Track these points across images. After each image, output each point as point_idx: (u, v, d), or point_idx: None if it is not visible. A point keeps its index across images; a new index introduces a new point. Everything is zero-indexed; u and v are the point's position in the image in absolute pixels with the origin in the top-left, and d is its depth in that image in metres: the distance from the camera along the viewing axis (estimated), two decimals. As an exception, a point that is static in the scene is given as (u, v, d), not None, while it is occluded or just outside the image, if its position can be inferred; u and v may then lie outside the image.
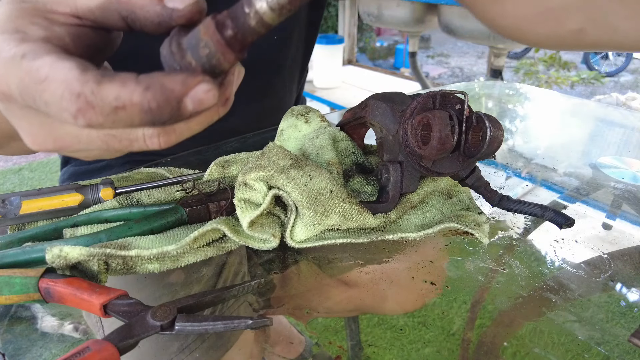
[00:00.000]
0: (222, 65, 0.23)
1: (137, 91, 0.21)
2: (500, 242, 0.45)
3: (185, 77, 0.21)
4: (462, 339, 0.34)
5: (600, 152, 0.68)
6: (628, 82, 4.36)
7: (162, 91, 0.21)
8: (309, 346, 0.34)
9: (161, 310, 0.31)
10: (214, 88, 0.22)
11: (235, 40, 0.22)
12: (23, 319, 0.36)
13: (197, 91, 0.22)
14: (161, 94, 0.21)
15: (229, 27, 0.22)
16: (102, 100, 0.21)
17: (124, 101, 0.21)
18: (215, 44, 0.22)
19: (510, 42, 2.21)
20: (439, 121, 0.38)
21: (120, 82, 0.21)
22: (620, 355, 0.33)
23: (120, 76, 0.22)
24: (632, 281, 0.40)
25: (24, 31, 0.24)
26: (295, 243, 0.42)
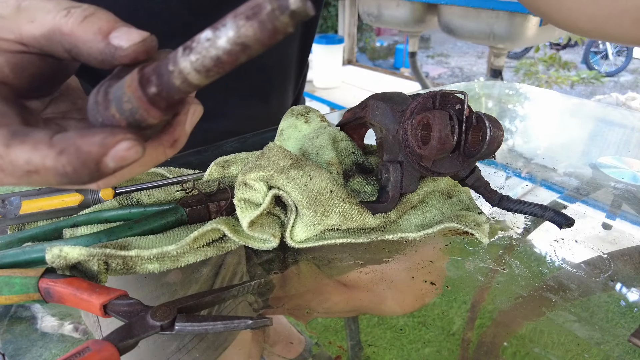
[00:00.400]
0: (147, 121, 0.21)
1: (50, 156, 0.20)
2: (500, 242, 0.45)
3: (104, 138, 0.20)
4: (462, 339, 0.34)
5: (600, 152, 0.68)
6: (628, 82, 4.36)
7: (77, 155, 0.19)
8: (308, 346, 0.34)
9: (161, 311, 0.31)
10: (136, 145, 0.20)
11: (160, 98, 0.20)
12: (23, 319, 0.36)
13: (118, 150, 0.20)
14: (77, 157, 0.19)
15: (153, 84, 0.20)
16: (12, 164, 0.20)
17: (36, 166, 0.20)
18: (137, 100, 0.20)
19: (510, 42, 2.21)
20: (439, 121, 0.38)
21: (32, 145, 0.20)
22: (620, 355, 0.33)
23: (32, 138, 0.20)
24: (632, 281, 0.40)
25: None
26: (295, 243, 0.42)
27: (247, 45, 0.17)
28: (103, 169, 0.20)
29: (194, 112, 0.25)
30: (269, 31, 0.17)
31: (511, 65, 4.34)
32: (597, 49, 4.53)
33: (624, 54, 4.50)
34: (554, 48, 4.79)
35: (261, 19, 0.16)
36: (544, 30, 2.20)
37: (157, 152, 0.25)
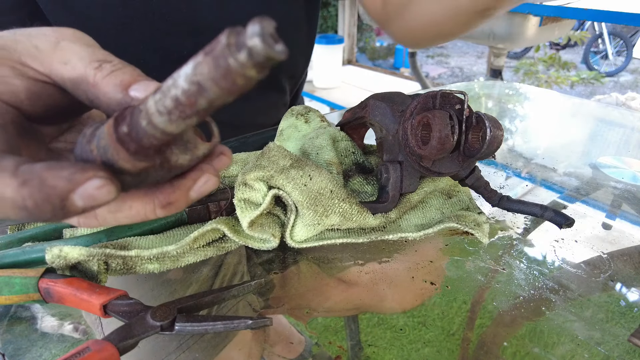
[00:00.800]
0: (118, 162, 0.19)
1: (12, 185, 0.18)
2: (500, 242, 0.45)
3: (72, 173, 0.18)
4: (462, 339, 0.34)
5: (600, 152, 0.68)
6: (628, 82, 4.36)
7: (40, 188, 0.18)
8: (308, 346, 0.34)
9: (161, 311, 0.31)
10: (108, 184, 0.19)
11: (129, 138, 0.19)
12: (23, 319, 0.36)
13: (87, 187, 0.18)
14: (39, 190, 0.18)
15: (125, 123, 0.19)
16: None
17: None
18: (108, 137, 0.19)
19: (509, 42, 2.21)
20: (439, 121, 0.38)
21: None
22: (620, 355, 0.33)
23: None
24: (631, 281, 0.40)
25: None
26: (295, 243, 0.42)
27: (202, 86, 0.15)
28: (69, 207, 0.18)
29: (205, 182, 0.24)
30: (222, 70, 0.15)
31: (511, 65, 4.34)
32: (597, 49, 4.53)
33: (623, 54, 4.50)
34: (554, 48, 4.79)
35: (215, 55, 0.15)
36: (543, 30, 2.20)
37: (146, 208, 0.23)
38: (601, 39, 4.47)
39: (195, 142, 0.23)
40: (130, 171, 0.20)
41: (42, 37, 0.25)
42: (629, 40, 4.42)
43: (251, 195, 0.40)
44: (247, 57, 0.14)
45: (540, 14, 2.06)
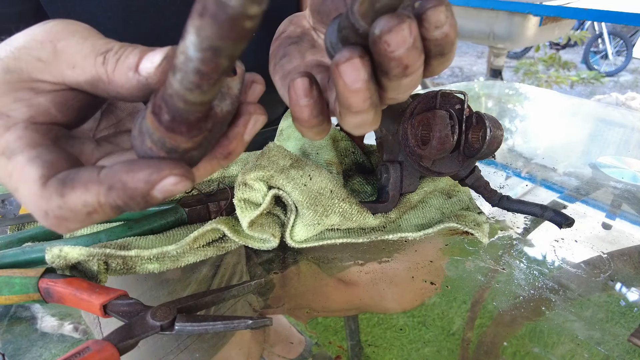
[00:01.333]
0: (180, 147, 0.20)
1: (102, 193, 0.20)
2: (500, 241, 0.45)
3: (149, 174, 0.20)
4: (462, 339, 0.34)
5: (599, 152, 0.68)
6: (627, 82, 4.36)
7: (124, 191, 0.20)
8: (308, 346, 0.34)
9: (161, 311, 0.31)
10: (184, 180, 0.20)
11: (176, 123, 0.19)
12: (23, 319, 0.36)
13: (164, 184, 0.20)
14: (124, 193, 0.20)
15: (164, 112, 0.19)
16: (72, 210, 0.21)
17: (94, 205, 0.21)
18: (157, 131, 0.20)
19: (509, 42, 2.21)
20: (439, 121, 0.38)
21: (83, 187, 0.21)
22: (620, 355, 0.33)
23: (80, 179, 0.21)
24: (631, 281, 0.40)
25: (7, 114, 0.23)
26: (295, 243, 0.42)
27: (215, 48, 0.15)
28: (151, 200, 0.21)
29: (255, 122, 0.24)
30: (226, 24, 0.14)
31: (511, 65, 4.34)
32: (597, 49, 4.53)
33: (623, 53, 4.50)
34: (554, 48, 4.79)
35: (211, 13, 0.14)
36: (543, 30, 2.20)
37: (211, 164, 0.25)
38: (601, 38, 4.47)
39: (226, 84, 0.23)
40: (194, 147, 0.21)
41: (39, 46, 0.24)
42: (629, 40, 4.42)
43: (251, 195, 0.40)
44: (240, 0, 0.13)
45: (540, 14, 2.06)
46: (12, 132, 0.23)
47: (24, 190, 0.22)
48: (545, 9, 1.99)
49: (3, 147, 0.23)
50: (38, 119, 0.24)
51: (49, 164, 0.22)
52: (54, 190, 0.21)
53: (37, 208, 0.22)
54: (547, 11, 2.00)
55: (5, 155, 0.22)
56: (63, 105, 0.25)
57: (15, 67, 0.24)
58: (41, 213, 0.22)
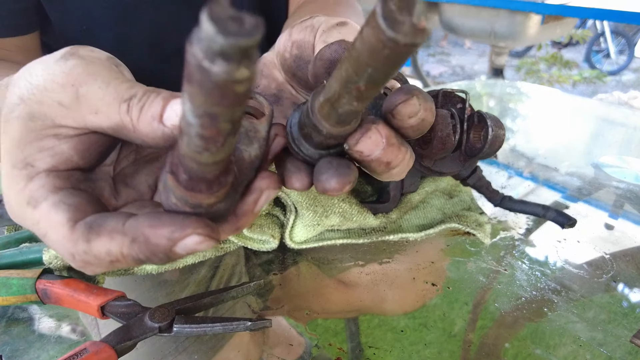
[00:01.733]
0: (202, 203, 0.20)
1: (125, 245, 0.21)
2: (502, 242, 0.45)
3: (172, 231, 0.20)
4: (464, 340, 0.34)
5: (602, 152, 0.68)
6: (630, 81, 4.35)
7: (147, 245, 0.20)
8: (308, 348, 0.34)
9: (159, 312, 0.31)
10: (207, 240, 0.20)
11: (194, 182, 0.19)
12: (20, 320, 0.36)
13: (187, 242, 0.20)
14: (146, 247, 0.20)
15: (181, 171, 0.19)
16: (97, 257, 0.22)
17: (116, 255, 0.21)
18: (178, 189, 0.19)
19: (511, 40, 2.21)
20: (440, 120, 0.38)
21: (108, 236, 0.21)
22: (623, 356, 0.33)
23: (106, 227, 0.21)
24: (634, 282, 0.40)
25: (31, 164, 0.23)
26: (295, 244, 0.41)
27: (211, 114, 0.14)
28: (173, 256, 0.21)
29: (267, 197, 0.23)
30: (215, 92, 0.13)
31: (512, 63, 4.33)
32: (599, 48, 4.52)
33: (625, 52, 4.49)
34: (556, 47, 4.78)
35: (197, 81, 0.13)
36: (545, 29, 2.19)
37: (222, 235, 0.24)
38: (603, 37, 4.46)
39: (253, 127, 0.22)
40: (218, 201, 0.20)
41: (60, 90, 0.23)
42: (631, 38, 4.41)
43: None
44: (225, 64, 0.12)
45: (542, 12, 2.05)
46: (35, 182, 0.23)
47: (53, 234, 0.22)
48: (547, 7, 1.99)
49: (28, 197, 0.23)
50: (60, 167, 0.24)
51: (73, 207, 0.23)
52: (80, 234, 0.22)
53: (65, 250, 0.22)
54: (549, 10, 2.00)
55: (31, 205, 0.23)
56: (85, 152, 0.25)
57: (40, 113, 0.24)
58: (69, 255, 0.22)
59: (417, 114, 0.22)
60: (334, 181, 0.21)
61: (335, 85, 0.17)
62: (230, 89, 0.13)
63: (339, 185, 0.21)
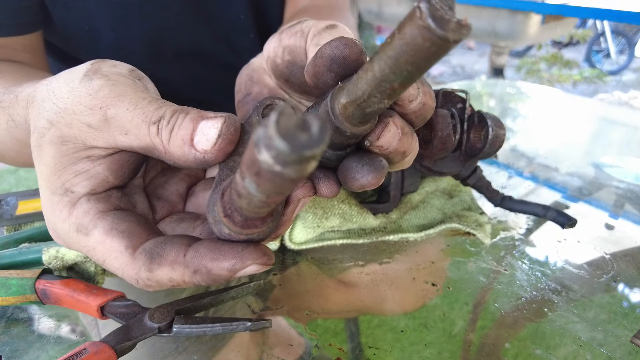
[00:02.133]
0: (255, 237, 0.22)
1: (187, 275, 0.22)
2: (502, 242, 0.45)
3: (234, 264, 0.22)
4: (464, 341, 0.34)
5: (602, 152, 0.68)
6: (630, 81, 4.34)
7: (208, 276, 0.22)
8: (308, 348, 0.33)
9: (159, 312, 0.31)
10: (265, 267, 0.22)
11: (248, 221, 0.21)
12: (20, 320, 0.36)
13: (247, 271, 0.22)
14: (208, 277, 0.22)
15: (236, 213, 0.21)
16: (158, 282, 0.23)
17: (178, 282, 0.23)
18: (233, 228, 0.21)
19: (511, 40, 2.21)
20: (441, 120, 0.38)
21: (169, 266, 0.22)
22: (623, 356, 0.32)
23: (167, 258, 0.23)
24: (634, 282, 0.40)
25: (71, 190, 0.24)
26: (294, 245, 0.41)
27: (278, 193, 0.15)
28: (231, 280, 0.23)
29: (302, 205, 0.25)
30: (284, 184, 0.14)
31: (513, 63, 4.33)
32: (600, 48, 4.52)
33: (626, 52, 4.49)
34: (556, 46, 4.77)
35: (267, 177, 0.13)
36: (546, 29, 2.19)
37: None
38: (603, 37, 4.46)
39: None
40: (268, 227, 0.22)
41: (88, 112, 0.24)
42: (632, 38, 4.40)
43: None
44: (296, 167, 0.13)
45: (543, 12, 2.05)
46: (78, 208, 0.24)
47: (113, 262, 0.24)
48: (548, 7, 1.99)
49: (76, 224, 0.24)
50: (98, 190, 0.24)
51: (127, 233, 0.24)
52: (142, 264, 0.23)
53: (128, 276, 0.24)
54: (549, 9, 2.00)
55: (82, 232, 0.24)
56: (119, 171, 0.25)
57: (70, 136, 0.24)
58: (132, 280, 0.24)
59: (417, 97, 0.22)
60: (372, 176, 0.22)
61: (364, 86, 0.17)
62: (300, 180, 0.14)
63: (376, 180, 0.22)
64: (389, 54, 0.15)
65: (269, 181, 0.14)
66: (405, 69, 0.15)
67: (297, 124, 0.12)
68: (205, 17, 0.58)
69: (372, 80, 0.17)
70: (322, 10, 0.60)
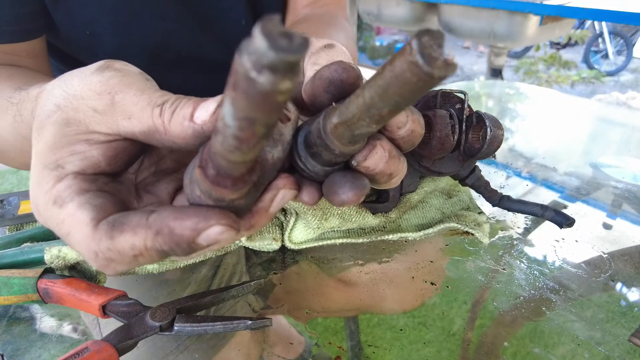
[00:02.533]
0: (225, 198, 0.21)
1: (149, 237, 0.21)
2: (501, 241, 0.45)
3: (196, 222, 0.21)
4: (463, 339, 0.34)
5: (600, 152, 0.68)
6: (628, 81, 4.35)
7: (171, 237, 0.21)
8: (308, 347, 0.34)
9: (160, 311, 0.31)
10: (229, 230, 0.21)
11: (221, 177, 0.20)
12: (22, 319, 0.36)
13: (209, 233, 0.21)
14: (170, 239, 0.21)
15: (210, 166, 0.20)
16: (120, 252, 0.22)
17: (140, 249, 0.22)
18: (204, 182, 0.20)
19: (510, 41, 2.21)
20: (439, 120, 0.38)
21: (132, 230, 0.22)
22: (621, 355, 0.33)
23: (130, 223, 0.22)
24: (632, 281, 0.40)
25: (62, 166, 0.24)
26: (294, 245, 0.41)
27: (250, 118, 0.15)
28: (195, 247, 0.21)
29: (282, 197, 0.24)
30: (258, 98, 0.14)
31: (511, 64, 4.33)
32: (598, 48, 4.53)
33: (624, 53, 4.49)
34: (555, 47, 4.78)
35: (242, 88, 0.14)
36: (544, 29, 2.20)
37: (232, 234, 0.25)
38: (602, 38, 4.46)
39: (278, 130, 0.23)
40: (240, 197, 0.21)
41: (96, 97, 0.24)
42: (630, 39, 4.41)
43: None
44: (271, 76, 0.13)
45: (541, 13, 2.05)
46: (62, 183, 0.24)
47: (76, 233, 0.23)
48: (546, 8, 1.99)
49: (55, 196, 0.24)
50: (87, 171, 0.25)
51: (98, 207, 0.23)
52: (104, 233, 0.22)
53: (87, 250, 0.23)
54: (547, 10, 2.00)
55: (57, 204, 0.23)
56: (112, 158, 0.25)
57: (74, 120, 0.24)
58: (91, 254, 0.23)
59: (406, 124, 0.23)
60: (352, 193, 0.22)
61: (354, 110, 0.18)
62: (272, 98, 0.14)
63: (356, 197, 0.23)
64: (379, 84, 0.16)
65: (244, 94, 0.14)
66: (393, 98, 0.16)
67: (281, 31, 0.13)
68: (205, 23, 0.58)
69: (362, 106, 0.18)
70: (322, 20, 0.61)
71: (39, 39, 0.50)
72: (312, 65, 0.26)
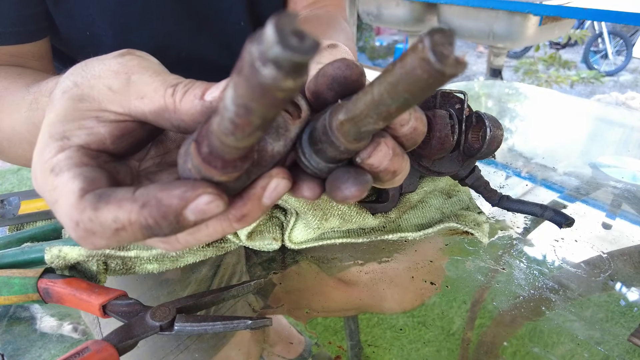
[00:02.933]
0: (214, 178, 0.21)
1: (134, 210, 0.21)
2: (500, 241, 0.45)
3: (184, 191, 0.20)
4: (462, 339, 0.34)
5: (599, 152, 0.68)
6: (627, 82, 4.35)
7: (158, 207, 0.20)
8: (308, 346, 0.34)
9: (160, 311, 0.31)
10: (217, 199, 0.21)
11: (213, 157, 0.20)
12: (22, 319, 0.36)
13: (197, 203, 0.20)
14: (157, 210, 0.20)
15: (205, 144, 0.20)
16: (102, 225, 0.21)
17: (123, 222, 0.21)
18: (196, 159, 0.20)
19: (509, 41, 2.21)
20: (439, 120, 0.38)
21: (117, 203, 0.21)
22: (620, 355, 0.33)
23: (116, 196, 0.22)
24: (631, 280, 0.40)
25: (68, 137, 0.24)
26: (294, 245, 0.41)
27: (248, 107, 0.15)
28: (182, 222, 0.21)
29: (275, 186, 0.23)
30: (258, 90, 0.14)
31: (511, 64, 4.33)
32: (597, 49, 4.53)
33: (623, 53, 4.49)
34: (554, 47, 4.78)
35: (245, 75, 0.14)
36: (543, 30, 2.20)
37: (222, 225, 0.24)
38: (601, 38, 4.47)
39: (285, 125, 0.23)
40: (228, 180, 0.21)
41: (113, 76, 0.25)
42: (629, 39, 4.42)
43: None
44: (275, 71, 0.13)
45: (540, 14, 2.06)
46: (64, 153, 0.24)
47: (62, 200, 0.23)
48: (545, 8, 1.99)
49: (53, 164, 0.24)
50: (91, 146, 0.25)
51: (89, 180, 0.23)
52: (89, 203, 0.22)
53: (69, 218, 0.22)
54: (547, 11, 2.00)
55: (54, 172, 0.24)
56: (118, 138, 0.26)
57: (88, 96, 0.25)
58: (72, 223, 0.22)
59: (409, 122, 0.23)
60: (355, 189, 0.22)
61: (362, 106, 0.18)
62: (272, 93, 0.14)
63: (359, 193, 0.23)
64: (389, 80, 0.16)
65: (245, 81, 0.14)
66: (403, 95, 0.16)
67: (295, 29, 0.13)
68: (205, 24, 0.59)
69: (371, 102, 0.18)
70: (322, 21, 0.61)
71: (44, 41, 0.51)
72: (316, 64, 0.27)
